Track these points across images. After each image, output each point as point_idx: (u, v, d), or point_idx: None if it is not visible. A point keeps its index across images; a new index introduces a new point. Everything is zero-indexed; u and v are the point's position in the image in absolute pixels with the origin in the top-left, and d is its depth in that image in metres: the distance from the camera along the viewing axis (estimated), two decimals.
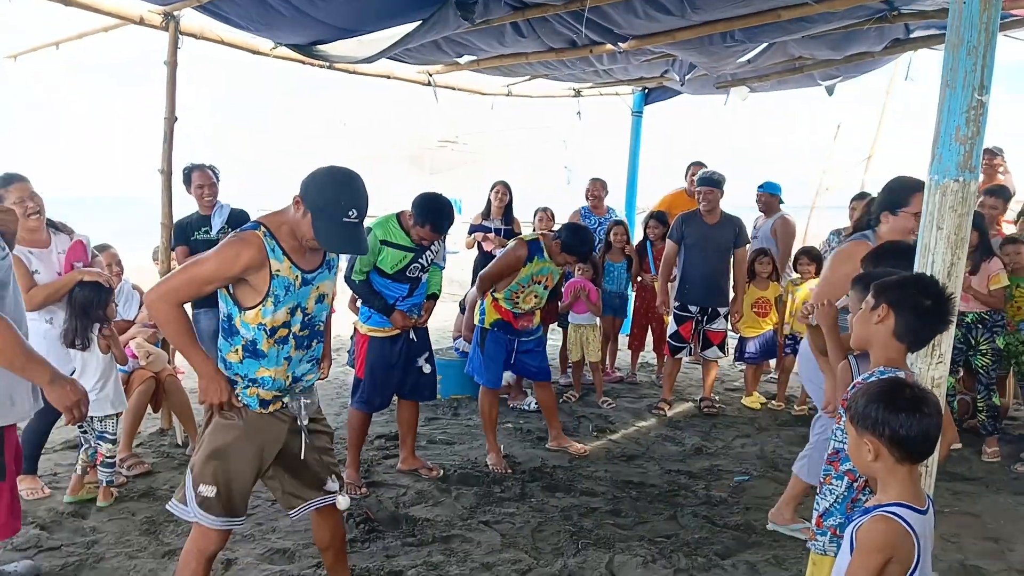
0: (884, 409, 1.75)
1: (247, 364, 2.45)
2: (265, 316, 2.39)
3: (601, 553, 3.40)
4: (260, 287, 2.37)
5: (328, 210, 2.33)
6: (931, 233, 2.27)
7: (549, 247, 4.49)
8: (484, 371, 4.61)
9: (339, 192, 2.35)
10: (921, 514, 1.77)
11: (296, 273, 2.42)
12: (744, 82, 7.10)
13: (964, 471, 4.54)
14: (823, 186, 10.79)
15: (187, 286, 2.37)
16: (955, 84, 2.18)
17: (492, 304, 4.57)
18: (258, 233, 2.36)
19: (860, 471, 1.95)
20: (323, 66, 5.98)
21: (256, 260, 2.33)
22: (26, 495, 3.82)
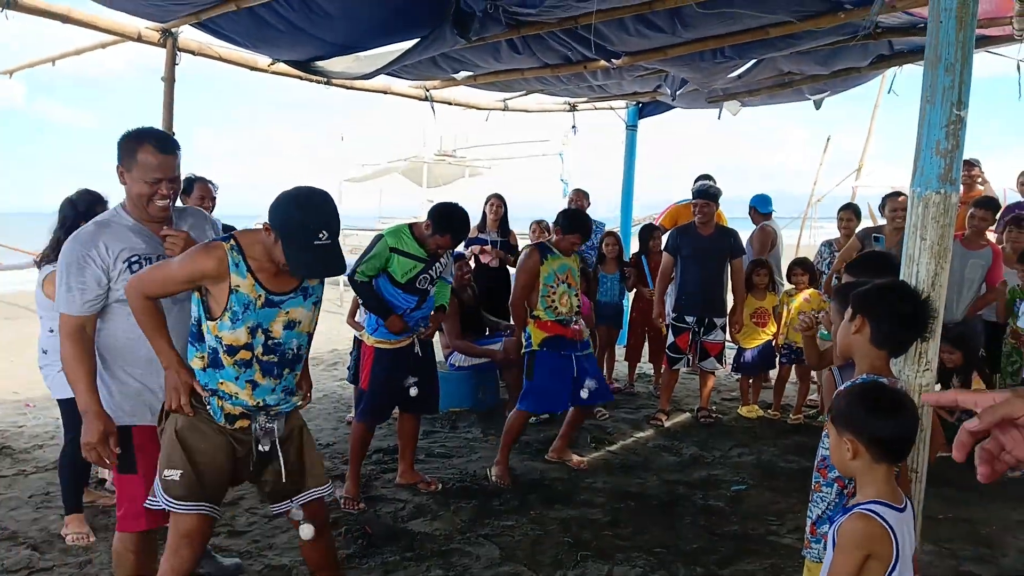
0: (863, 410, 1.81)
1: (209, 373, 2.43)
2: (222, 330, 2.36)
3: (600, 564, 3.43)
4: (220, 300, 2.35)
5: (297, 235, 2.28)
6: (915, 244, 2.33)
7: (553, 241, 4.56)
8: (530, 396, 4.51)
9: (305, 215, 2.30)
10: (899, 512, 1.83)
11: (259, 292, 2.37)
12: (735, 96, 7.20)
13: (957, 478, 4.56)
14: (814, 198, 10.89)
15: (155, 281, 2.40)
16: (934, 100, 2.24)
17: (535, 325, 4.49)
18: (224, 245, 2.35)
19: (838, 470, 2.00)
20: (321, 82, 6.05)
21: (214, 271, 2.32)
22: (71, 540, 3.60)
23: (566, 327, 4.49)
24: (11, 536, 3.67)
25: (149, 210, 2.56)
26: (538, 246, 4.58)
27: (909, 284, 2.28)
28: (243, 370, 2.40)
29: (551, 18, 4.56)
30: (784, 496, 4.32)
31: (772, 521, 3.96)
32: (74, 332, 2.49)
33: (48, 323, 3.62)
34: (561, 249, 4.54)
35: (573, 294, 4.54)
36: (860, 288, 2.24)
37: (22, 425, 5.41)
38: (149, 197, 2.53)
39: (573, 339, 4.51)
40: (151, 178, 2.50)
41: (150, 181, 2.50)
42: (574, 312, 4.55)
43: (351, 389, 5.95)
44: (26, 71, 6.46)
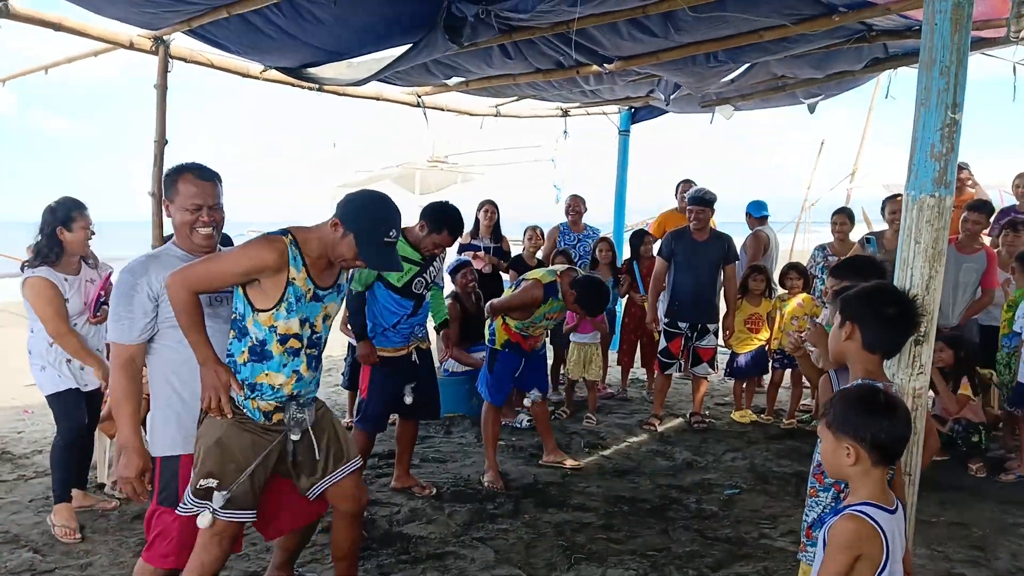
0: (863, 414, 1.82)
1: (251, 367, 2.49)
2: (278, 320, 2.46)
3: (594, 568, 3.43)
4: (274, 292, 2.44)
5: (371, 232, 2.46)
6: (909, 247, 2.34)
7: (564, 292, 4.46)
8: (492, 389, 4.65)
9: (379, 215, 2.51)
10: (890, 513, 1.84)
11: (310, 287, 2.50)
12: (728, 101, 7.23)
13: (951, 481, 4.59)
14: (808, 202, 10.94)
15: (205, 276, 2.43)
16: (929, 103, 2.25)
17: (503, 327, 4.60)
18: (284, 239, 2.45)
19: (833, 475, 2.00)
20: (313, 88, 6.05)
21: (276, 263, 2.41)
22: (60, 535, 3.66)
23: (525, 340, 4.65)
24: (13, 539, 3.68)
25: (193, 239, 2.61)
26: (547, 287, 4.46)
27: (894, 286, 2.29)
28: (291, 359, 2.51)
29: (543, 23, 4.57)
30: (777, 500, 4.33)
31: (765, 524, 3.97)
32: (125, 363, 2.53)
33: (31, 324, 3.75)
34: (564, 300, 4.50)
35: (551, 325, 4.72)
36: (848, 293, 2.25)
37: (21, 431, 5.39)
38: (191, 225, 2.58)
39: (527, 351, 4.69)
40: (191, 205, 2.57)
41: (191, 208, 2.57)
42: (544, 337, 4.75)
43: (345, 395, 5.93)
44: (19, 80, 6.45)
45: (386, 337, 4.05)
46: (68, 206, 3.69)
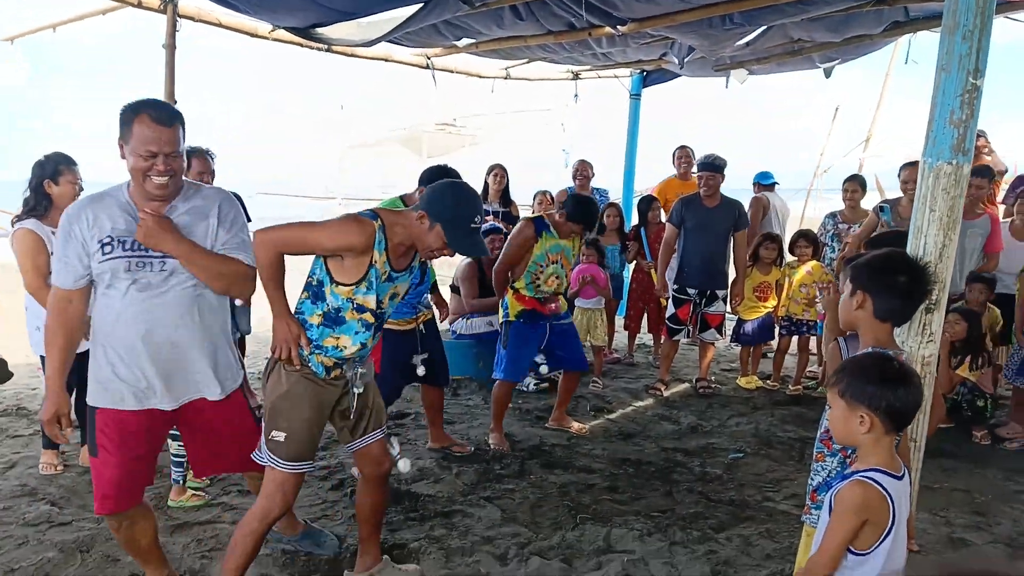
0: (878, 383, 1.82)
1: (322, 330, 2.61)
2: (357, 295, 2.58)
3: (599, 527, 3.48)
4: (356, 270, 2.55)
5: (458, 221, 2.55)
6: (924, 215, 2.33)
7: (554, 221, 4.48)
8: (506, 364, 4.56)
9: (464, 205, 2.58)
10: (897, 480, 1.86)
11: (387, 269, 2.60)
12: (743, 64, 7.12)
13: (954, 448, 4.63)
14: (821, 169, 10.83)
15: (295, 242, 2.54)
16: (950, 68, 2.22)
17: (513, 297, 4.52)
18: (374, 224, 2.53)
19: (843, 442, 2.01)
20: (321, 49, 6.00)
21: (363, 245, 2.51)
22: (42, 469, 3.96)
23: (543, 305, 4.53)
24: (31, 492, 3.76)
25: (146, 186, 2.41)
26: (535, 220, 4.49)
27: (905, 254, 2.27)
28: (363, 328, 2.64)
29: None
30: (781, 464, 4.37)
31: (768, 488, 4.02)
32: (56, 304, 2.49)
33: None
34: (559, 231, 4.49)
35: (563, 274, 4.56)
36: (859, 262, 2.24)
37: (35, 388, 5.46)
38: (144, 172, 2.38)
39: (547, 315, 4.57)
40: (145, 151, 2.35)
41: (144, 155, 2.35)
42: (560, 291, 4.61)
43: None
44: (27, 38, 6.41)
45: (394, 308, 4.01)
46: (56, 160, 3.77)
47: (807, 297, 5.84)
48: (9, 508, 3.56)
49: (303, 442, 2.63)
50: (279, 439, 2.59)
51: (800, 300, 5.87)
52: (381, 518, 3.05)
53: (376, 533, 3.02)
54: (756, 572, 3.11)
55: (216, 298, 2.60)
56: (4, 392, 5.23)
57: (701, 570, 3.11)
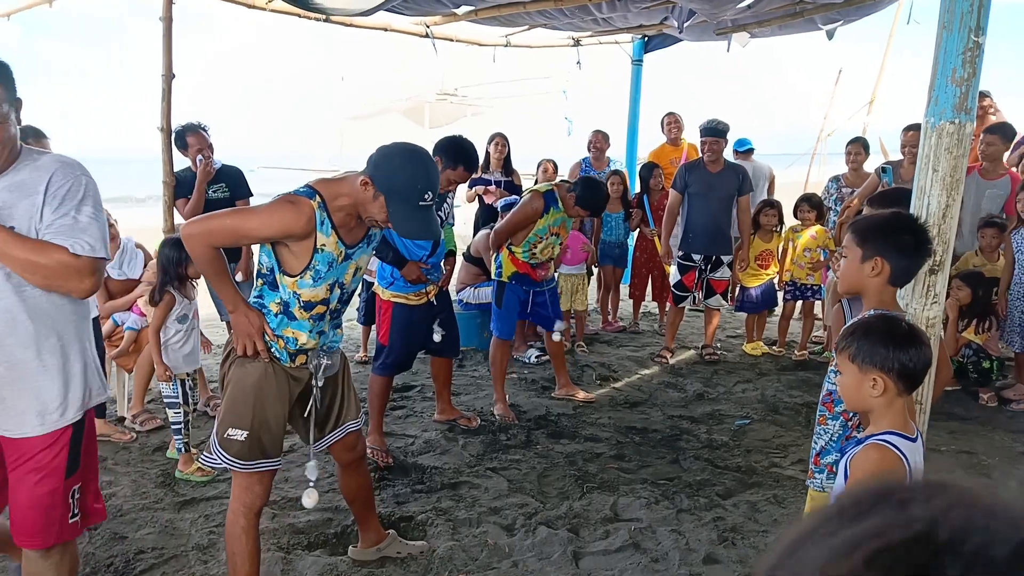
0: (890, 345, 1.81)
1: (280, 320, 2.41)
2: (302, 288, 2.34)
3: (606, 496, 3.50)
4: (301, 257, 2.30)
5: (404, 194, 2.24)
6: (927, 175, 2.29)
7: (564, 199, 4.47)
8: (500, 323, 4.65)
9: (415, 175, 2.25)
10: (911, 442, 1.86)
11: (341, 249, 2.35)
12: (744, 28, 7.01)
13: (961, 411, 4.63)
14: (824, 132, 10.71)
15: (225, 233, 2.32)
16: (952, 26, 2.17)
17: (509, 257, 4.57)
18: (311, 203, 2.25)
19: (854, 407, 2.00)
20: (319, 19, 5.92)
21: (303, 229, 2.24)
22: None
23: (534, 270, 4.60)
24: None
25: None
26: (545, 194, 4.46)
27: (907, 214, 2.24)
28: (316, 323, 2.43)
29: None
30: (787, 430, 4.38)
31: (775, 454, 4.03)
32: None
33: None
34: (566, 209, 4.49)
35: (557, 244, 4.60)
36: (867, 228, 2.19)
37: None
38: None
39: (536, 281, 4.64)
40: None
41: None
42: (548, 259, 4.65)
43: (359, 330, 6.00)
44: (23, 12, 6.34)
45: (404, 283, 3.95)
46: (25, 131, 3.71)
47: (811, 262, 5.82)
48: None
49: (266, 440, 2.41)
50: (237, 437, 2.36)
51: (804, 265, 5.84)
52: (369, 497, 2.95)
53: (369, 511, 2.96)
54: (763, 538, 3.13)
55: (57, 299, 2.03)
56: None
57: (708, 536, 3.13)
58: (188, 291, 3.85)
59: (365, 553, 2.98)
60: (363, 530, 2.99)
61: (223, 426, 2.40)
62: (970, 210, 5.03)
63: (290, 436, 4.07)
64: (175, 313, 3.79)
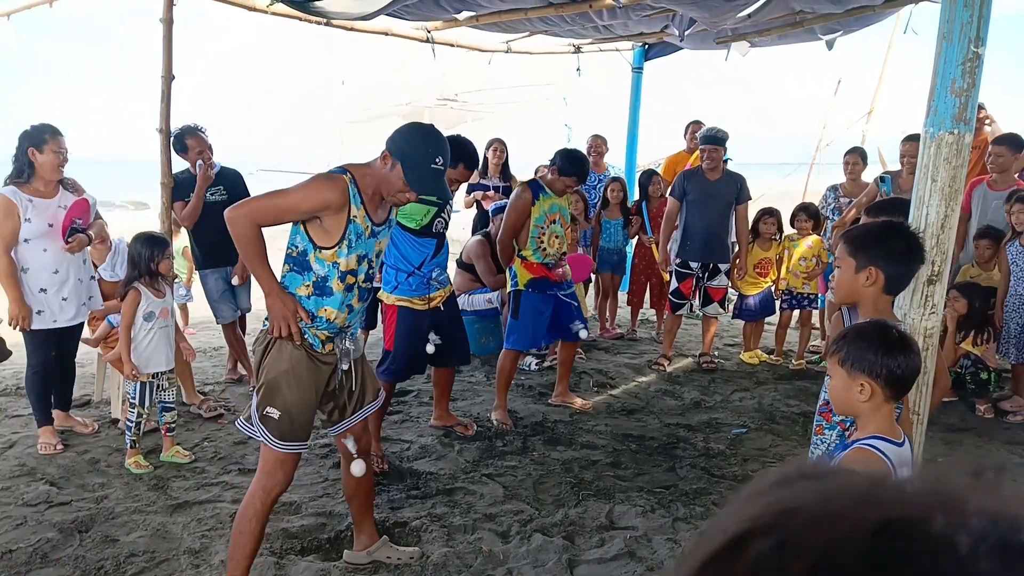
0: (879, 351, 1.82)
1: (314, 300, 2.57)
2: (340, 257, 2.52)
3: (601, 503, 3.49)
4: (335, 229, 2.48)
5: (417, 158, 2.48)
6: (925, 186, 2.29)
7: (548, 181, 4.46)
8: (516, 334, 4.55)
9: (426, 142, 2.52)
10: (898, 446, 1.87)
11: (368, 224, 2.55)
12: (744, 37, 7.02)
13: (957, 422, 4.62)
14: (823, 142, 10.73)
15: (270, 210, 2.48)
16: (951, 36, 2.17)
17: (521, 265, 4.51)
18: (345, 177, 2.48)
19: (843, 411, 2.01)
20: (320, 23, 5.92)
21: (338, 201, 2.45)
22: (40, 448, 3.98)
23: (551, 270, 4.53)
24: (29, 472, 3.78)
25: None
26: (530, 184, 4.49)
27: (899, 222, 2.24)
28: (347, 295, 2.59)
29: None
30: (784, 439, 4.37)
31: (772, 463, 4.02)
32: None
33: None
34: (554, 189, 4.46)
35: (559, 229, 4.54)
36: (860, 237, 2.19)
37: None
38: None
39: (556, 282, 4.56)
40: None
41: None
42: (560, 253, 4.59)
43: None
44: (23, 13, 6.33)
45: (409, 285, 3.87)
46: (41, 129, 3.87)
47: (807, 271, 5.82)
48: (7, 488, 3.58)
49: (298, 423, 2.58)
50: (274, 415, 2.54)
51: (800, 274, 5.84)
52: (369, 496, 3.01)
53: (367, 511, 3.00)
54: None
55: None
56: (3, 371, 5.24)
57: None
58: (158, 288, 3.86)
59: (357, 556, 2.99)
60: (358, 531, 3.02)
61: (262, 403, 2.56)
62: (977, 221, 5.02)
63: None
64: (141, 310, 3.80)
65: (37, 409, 4.09)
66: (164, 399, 3.97)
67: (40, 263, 3.90)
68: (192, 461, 3.90)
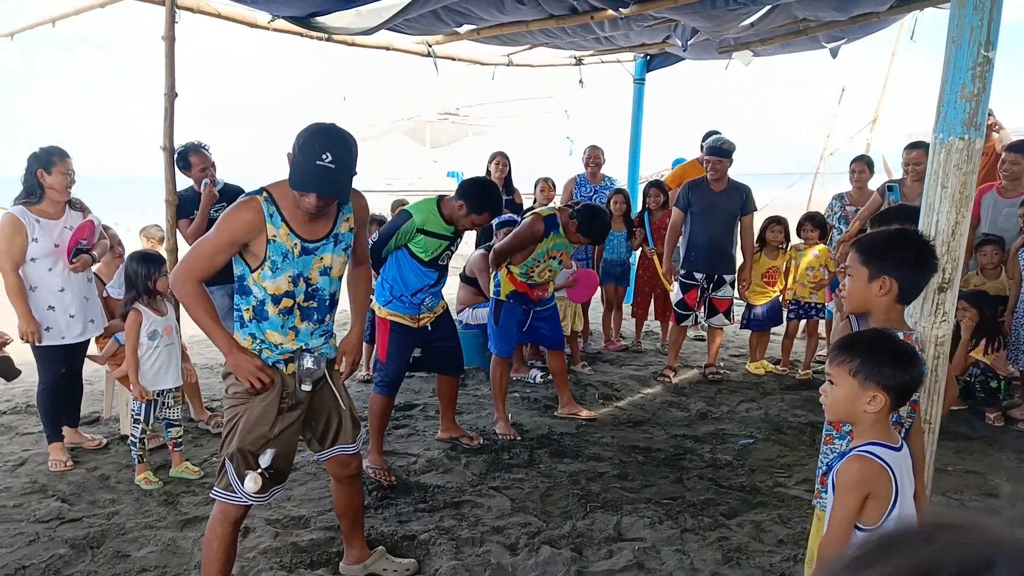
0: (893, 363, 1.81)
1: (254, 325, 2.52)
2: (264, 280, 2.44)
3: (609, 515, 3.46)
4: (258, 252, 2.42)
5: (303, 155, 2.34)
6: (935, 192, 2.28)
7: (565, 224, 4.46)
8: (498, 341, 4.65)
9: (314, 138, 2.36)
10: (895, 451, 1.85)
11: (295, 241, 2.44)
12: (747, 46, 7.03)
13: (967, 430, 4.59)
14: (827, 151, 10.73)
15: (200, 261, 2.43)
16: (961, 40, 2.16)
17: (507, 276, 4.58)
18: (258, 198, 2.41)
19: (840, 418, 1.99)
20: (321, 38, 5.94)
21: (254, 224, 2.38)
22: (51, 466, 3.98)
23: (532, 290, 4.62)
24: (40, 489, 3.77)
25: None
26: (547, 220, 4.45)
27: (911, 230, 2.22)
28: (286, 318, 2.52)
29: None
30: (792, 449, 4.34)
31: (780, 473, 3.99)
32: None
33: None
34: (566, 234, 4.48)
35: (556, 265, 4.63)
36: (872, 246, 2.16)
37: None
38: None
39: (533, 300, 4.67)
40: None
41: None
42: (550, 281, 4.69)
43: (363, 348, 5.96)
44: (26, 33, 6.36)
45: (402, 303, 3.94)
46: (50, 151, 3.95)
47: (813, 280, 5.80)
48: (20, 505, 3.57)
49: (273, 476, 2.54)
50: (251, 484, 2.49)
51: (807, 284, 5.82)
52: (358, 515, 2.99)
53: (356, 529, 2.99)
54: (769, 558, 3.09)
55: None
56: (13, 390, 5.24)
57: (713, 556, 3.09)
58: (158, 306, 3.87)
59: (351, 569, 2.99)
60: (348, 546, 3.01)
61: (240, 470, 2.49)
62: (986, 229, 5.00)
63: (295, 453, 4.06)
64: (144, 329, 3.79)
65: (47, 425, 4.10)
66: (168, 416, 3.96)
67: (45, 282, 3.93)
68: (201, 477, 3.88)
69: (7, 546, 3.17)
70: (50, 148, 3.97)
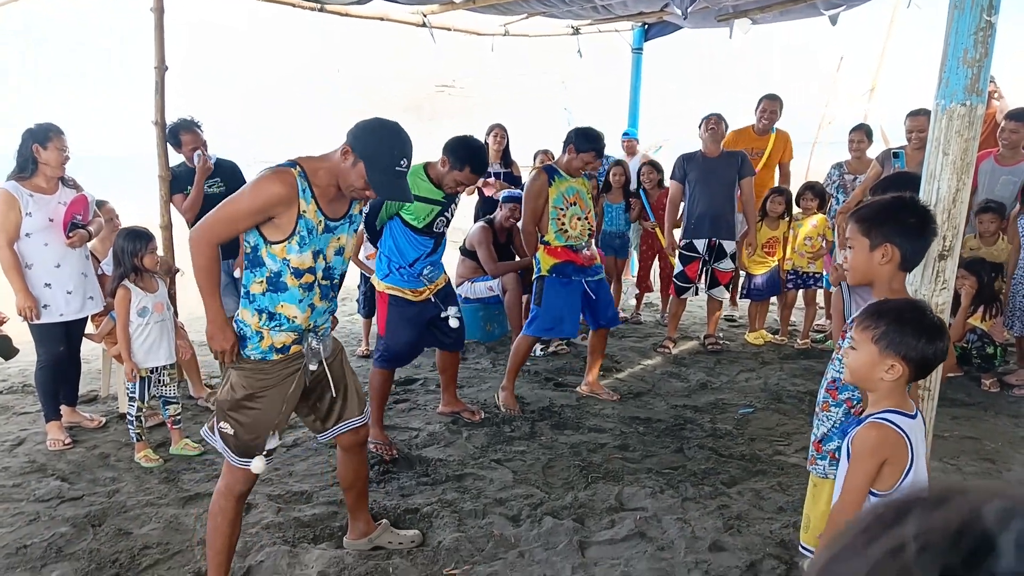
0: (919, 336, 1.80)
1: (269, 297, 2.46)
2: (290, 253, 2.41)
3: (610, 486, 3.49)
4: (286, 225, 2.38)
5: (382, 160, 2.39)
6: (936, 159, 2.26)
7: (562, 163, 4.39)
8: (536, 320, 4.47)
9: (391, 142, 2.42)
10: (911, 419, 1.86)
11: (320, 218, 2.44)
12: (746, 14, 6.95)
13: (964, 397, 4.62)
14: (825, 120, 10.66)
15: (221, 224, 2.39)
16: (963, 5, 2.13)
17: (545, 251, 4.42)
18: (293, 171, 2.38)
19: (858, 383, 1.97)
20: (314, 8, 5.87)
21: (286, 194, 2.34)
22: (50, 445, 3.98)
23: (577, 253, 4.42)
24: (40, 468, 3.77)
25: None
26: (544, 168, 4.42)
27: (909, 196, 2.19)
28: (306, 293, 2.49)
29: None
30: (791, 418, 4.37)
31: (779, 442, 4.02)
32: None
33: None
34: (571, 170, 4.39)
35: (580, 212, 4.43)
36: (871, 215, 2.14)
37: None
38: None
39: (584, 265, 4.45)
40: None
41: None
42: (586, 236, 4.47)
43: (360, 323, 5.98)
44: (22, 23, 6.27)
45: (401, 276, 3.87)
46: (46, 127, 3.94)
47: (812, 250, 5.79)
48: (19, 485, 3.58)
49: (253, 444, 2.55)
50: (227, 431, 2.53)
51: (805, 253, 5.82)
52: (364, 485, 2.99)
53: (362, 500, 2.99)
54: (768, 525, 3.12)
55: None
56: (9, 369, 5.24)
57: (714, 525, 3.11)
58: (148, 283, 3.86)
59: (356, 543, 3.00)
60: (353, 519, 3.01)
61: (219, 417, 2.55)
62: (983, 196, 4.98)
63: (296, 429, 4.08)
64: (134, 306, 3.79)
65: (45, 404, 4.09)
66: (165, 394, 3.97)
67: (42, 257, 3.91)
68: (201, 454, 3.90)
69: (7, 526, 3.18)
70: (45, 124, 3.95)
